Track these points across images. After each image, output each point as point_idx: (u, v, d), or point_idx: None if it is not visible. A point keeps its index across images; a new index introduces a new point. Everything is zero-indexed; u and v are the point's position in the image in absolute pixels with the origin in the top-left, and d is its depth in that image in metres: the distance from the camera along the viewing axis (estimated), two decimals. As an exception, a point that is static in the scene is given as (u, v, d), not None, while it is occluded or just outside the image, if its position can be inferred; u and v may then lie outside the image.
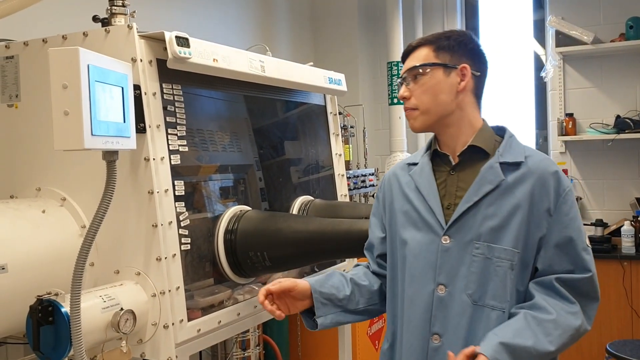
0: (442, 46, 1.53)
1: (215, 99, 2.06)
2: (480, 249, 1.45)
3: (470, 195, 1.47)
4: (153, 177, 1.66)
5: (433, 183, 1.54)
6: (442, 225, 1.49)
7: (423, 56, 1.54)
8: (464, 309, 1.45)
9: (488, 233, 1.45)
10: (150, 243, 1.66)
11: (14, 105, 1.84)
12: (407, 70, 1.55)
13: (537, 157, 1.51)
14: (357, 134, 4.18)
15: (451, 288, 1.46)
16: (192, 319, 1.76)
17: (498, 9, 4.68)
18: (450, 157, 1.56)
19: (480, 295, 1.45)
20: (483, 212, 1.46)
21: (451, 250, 1.47)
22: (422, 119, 1.54)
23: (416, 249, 1.52)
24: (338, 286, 1.61)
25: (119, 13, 1.74)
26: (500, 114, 4.61)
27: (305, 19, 4.56)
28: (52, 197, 1.78)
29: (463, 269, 1.46)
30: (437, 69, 1.52)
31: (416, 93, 1.53)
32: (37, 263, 1.61)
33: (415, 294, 1.50)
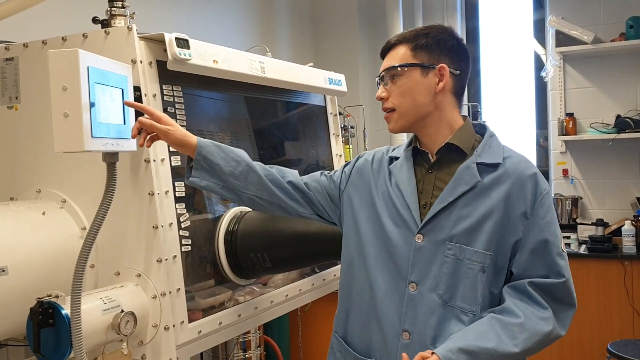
0: (420, 45, 1.50)
1: (216, 100, 2.06)
2: (452, 250, 1.43)
3: (445, 195, 1.46)
4: (153, 178, 1.66)
5: (412, 180, 1.52)
6: (417, 223, 1.47)
7: (400, 55, 1.51)
8: (433, 309, 1.43)
9: (461, 234, 1.43)
10: (151, 244, 1.66)
11: (13, 107, 1.84)
12: (384, 70, 1.53)
13: (515, 158, 1.49)
14: (357, 134, 4.18)
15: (422, 287, 1.45)
16: (192, 320, 1.75)
17: (498, 8, 4.68)
18: (430, 155, 1.54)
19: (450, 296, 1.43)
20: (457, 213, 1.44)
21: (424, 249, 1.46)
22: (400, 120, 1.52)
23: (392, 244, 1.50)
24: (231, 160, 1.61)
25: (118, 14, 1.73)
26: (501, 114, 4.61)
27: (306, 19, 4.56)
28: (53, 199, 1.77)
29: (434, 268, 1.44)
30: (414, 70, 1.49)
31: (394, 94, 1.51)
32: (37, 265, 1.61)
33: (392, 289, 1.49)
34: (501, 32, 4.69)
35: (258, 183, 1.64)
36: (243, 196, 1.65)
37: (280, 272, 2.13)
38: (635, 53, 4.04)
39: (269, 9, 4.11)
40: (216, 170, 1.60)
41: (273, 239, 1.87)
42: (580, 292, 3.95)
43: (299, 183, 1.69)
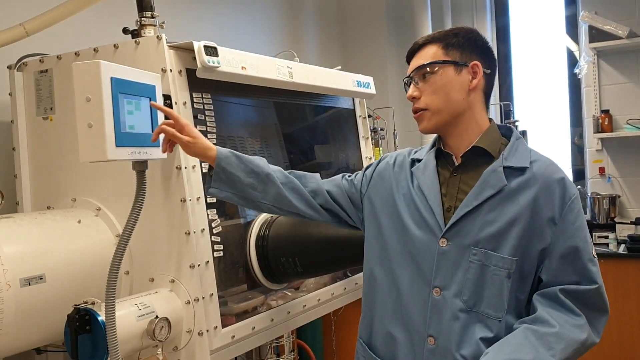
0: (451, 43, 1.48)
1: (245, 106, 2.07)
2: (478, 256, 1.40)
3: (470, 199, 1.43)
4: (185, 185, 1.67)
5: (436, 183, 1.49)
6: (440, 226, 1.45)
7: (432, 54, 1.49)
8: (456, 314, 1.41)
9: (487, 240, 1.40)
10: (184, 250, 1.68)
11: (49, 118, 1.89)
12: (416, 69, 1.50)
13: (542, 162, 1.45)
14: (387, 136, 4.15)
15: (446, 292, 1.42)
16: (226, 325, 1.77)
17: (529, 5, 4.61)
18: (454, 157, 1.51)
19: (475, 302, 1.40)
20: (483, 218, 1.41)
21: (448, 253, 1.43)
22: (434, 119, 1.49)
23: (416, 248, 1.48)
24: (250, 171, 1.60)
25: (148, 24, 1.76)
26: (534, 113, 4.54)
27: (333, 22, 4.56)
28: (88, 207, 1.81)
29: (459, 273, 1.41)
30: (447, 67, 1.47)
31: (426, 92, 1.48)
32: (74, 272, 1.64)
33: (416, 293, 1.47)
34: (532, 29, 4.61)
35: (276, 194, 1.63)
36: (262, 206, 1.65)
37: (312, 276, 2.13)
38: (672, 47, 3.93)
39: (296, 14, 4.13)
40: (235, 181, 1.60)
41: (304, 243, 1.87)
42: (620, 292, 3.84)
43: (321, 190, 1.68)
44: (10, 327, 1.47)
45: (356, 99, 2.64)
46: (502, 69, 4.61)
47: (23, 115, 1.93)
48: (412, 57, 1.55)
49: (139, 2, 1.76)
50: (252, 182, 1.61)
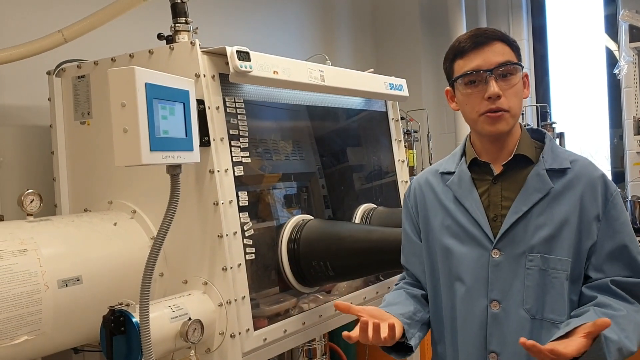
0: (516, 49, 1.43)
1: (277, 109, 2.08)
2: (534, 261, 1.38)
3: (519, 205, 1.40)
4: (218, 188, 1.69)
5: (476, 194, 1.45)
6: (490, 238, 1.41)
7: (508, 53, 1.40)
8: (522, 325, 1.37)
9: (541, 244, 1.38)
10: (216, 253, 1.69)
11: (86, 123, 1.93)
12: (502, 65, 1.38)
13: (582, 161, 1.43)
14: (421, 138, 4.13)
15: (505, 304, 1.39)
16: (258, 328, 1.78)
17: (566, 4, 4.52)
18: (492, 165, 1.46)
19: (538, 309, 1.37)
20: (534, 222, 1.38)
21: (502, 264, 1.39)
22: (510, 123, 1.40)
23: (464, 265, 1.44)
24: (404, 302, 1.54)
25: (182, 30, 1.78)
26: (572, 114, 4.45)
27: (367, 24, 4.55)
28: (123, 209, 1.84)
29: (517, 283, 1.38)
30: (519, 71, 1.41)
31: (508, 93, 1.38)
32: (109, 274, 1.68)
33: (468, 312, 1.43)
34: (570, 29, 4.52)
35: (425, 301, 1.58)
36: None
37: (344, 280, 2.13)
38: None
39: (329, 16, 4.13)
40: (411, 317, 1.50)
41: (335, 247, 1.87)
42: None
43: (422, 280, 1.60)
44: (48, 327, 1.51)
45: (389, 101, 2.62)
46: (538, 70, 4.53)
47: (61, 120, 1.98)
48: (476, 49, 1.40)
49: (174, 8, 1.79)
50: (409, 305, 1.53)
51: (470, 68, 1.40)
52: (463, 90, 1.43)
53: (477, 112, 1.41)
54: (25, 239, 1.53)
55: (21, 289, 1.45)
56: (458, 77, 1.42)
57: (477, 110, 1.40)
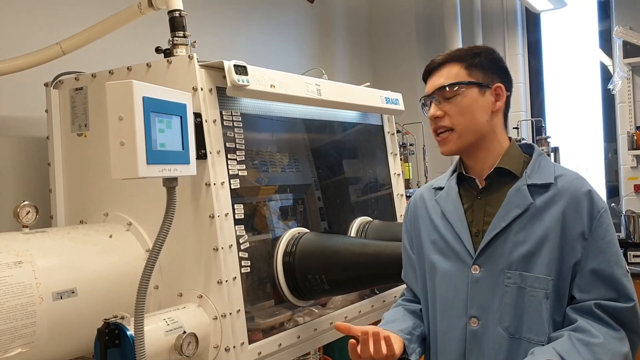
0: (474, 64, 1.45)
1: (274, 121, 2.09)
2: (512, 279, 1.36)
3: (497, 221, 1.39)
4: (214, 201, 1.69)
5: (460, 209, 1.46)
6: (470, 254, 1.40)
7: (454, 74, 1.45)
8: (499, 343, 1.36)
9: (519, 261, 1.36)
10: (212, 266, 1.69)
11: (83, 135, 1.93)
12: (439, 88, 1.45)
13: (568, 176, 1.41)
14: (417, 152, 4.14)
15: (484, 321, 1.38)
16: (253, 341, 1.77)
17: (561, 20, 4.56)
18: (477, 180, 1.47)
19: (516, 328, 1.35)
20: (512, 239, 1.37)
21: (482, 280, 1.39)
22: (458, 141, 1.44)
23: (446, 280, 1.44)
24: (403, 318, 1.55)
25: (180, 44, 1.79)
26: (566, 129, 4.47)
27: (363, 38, 4.58)
28: (119, 222, 1.84)
29: (496, 300, 1.37)
30: (472, 88, 1.43)
31: (451, 113, 1.43)
32: (104, 286, 1.67)
33: (448, 327, 1.43)
34: (565, 44, 4.56)
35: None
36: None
37: (339, 294, 2.13)
38: None
39: (326, 32, 4.16)
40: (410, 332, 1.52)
41: (331, 260, 1.87)
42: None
43: (417, 295, 1.61)
44: (42, 340, 1.51)
45: (385, 115, 2.64)
46: (533, 85, 4.57)
47: (58, 132, 1.98)
48: (430, 75, 1.51)
49: (172, 21, 1.80)
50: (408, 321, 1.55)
51: (423, 95, 1.52)
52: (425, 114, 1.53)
53: (433, 132, 1.51)
54: (21, 251, 1.53)
55: (15, 301, 1.45)
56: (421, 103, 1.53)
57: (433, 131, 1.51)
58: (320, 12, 4.09)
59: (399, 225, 2.49)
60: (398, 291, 2.47)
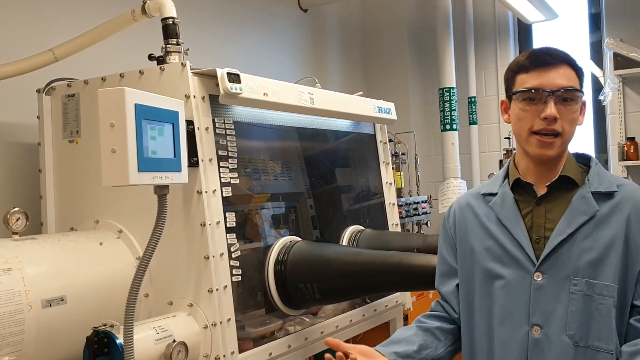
0: (581, 75, 1.42)
1: (267, 129, 2.09)
2: (579, 286, 1.33)
3: (563, 227, 1.36)
4: (205, 209, 1.69)
5: (518, 215, 1.42)
6: (532, 260, 1.37)
7: (573, 79, 1.39)
8: (565, 351, 1.33)
9: (586, 268, 1.33)
10: (202, 274, 1.69)
11: (74, 141, 1.92)
12: (566, 89, 1.37)
13: (628, 185, 1.41)
14: (408, 161, 4.15)
15: (547, 329, 1.34)
16: (243, 350, 1.76)
17: (553, 31, 4.60)
18: (535, 187, 1.44)
19: (582, 336, 1.32)
20: (579, 245, 1.35)
21: (545, 287, 1.36)
22: (560, 148, 1.39)
23: (505, 287, 1.40)
24: (409, 339, 1.50)
25: (173, 51, 1.80)
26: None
27: (356, 48, 4.60)
28: (110, 229, 1.83)
29: (560, 307, 1.34)
30: (579, 98, 1.40)
31: (565, 118, 1.37)
32: (94, 294, 1.66)
33: (508, 337, 1.39)
34: (556, 55, 4.59)
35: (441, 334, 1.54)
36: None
37: (330, 302, 2.12)
38: (699, 74, 3.88)
39: (319, 41, 4.17)
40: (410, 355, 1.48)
41: (322, 269, 1.87)
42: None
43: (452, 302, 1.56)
44: (30, 348, 1.49)
45: (377, 124, 2.64)
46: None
47: (50, 138, 1.97)
48: (543, 68, 1.39)
49: (165, 29, 1.80)
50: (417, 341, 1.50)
51: (533, 85, 1.38)
52: (520, 105, 1.41)
53: (529, 129, 1.39)
54: (10, 258, 1.52)
55: (4, 308, 1.44)
56: (518, 91, 1.41)
57: (530, 128, 1.39)
58: (314, 21, 4.10)
59: (390, 234, 2.50)
60: (390, 300, 2.47)
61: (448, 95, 4.11)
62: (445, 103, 4.11)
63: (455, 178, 4.14)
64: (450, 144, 4.13)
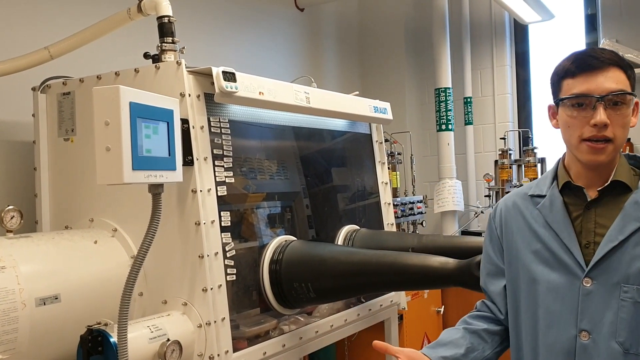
0: (631, 76, 1.37)
1: (263, 128, 2.09)
2: (630, 293, 1.31)
3: (614, 233, 1.34)
4: (200, 208, 1.69)
5: (567, 219, 1.40)
6: (581, 266, 1.35)
7: (622, 81, 1.34)
8: (614, 358, 1.32)
9: (638, 275, 1.31)
10: (197, 274, 1.68)
11: (70, 140, 1.92)
12: (616, 93, 1.32)
13: None
14: (404, 160, 4.15)
15: (596, 335, 1.33)
16: (237, 349, 1.76)
17: (549, 32, 4.60)
18: (585, 190, 1.40)
19: (632, 343, 1.31)
20: (630, 252, 1.32)
21: (594, 293, 1.34)
22: (612, 154, 1.35)
23: (552, 292, 1.39)
24: (457, 341, 1.48)
25: (169, 50, 1.79)
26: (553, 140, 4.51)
27: (353, 48, 4.60)
28: (104, 227, 1.83)
29: (609, 314, 1.32)
30: (631, 101, 1.36)
31: (615, 123, 1.32)
32: (88, 293, 1.66)
33: (556, 341, 1.37)
34: (552, 56, 4.60)
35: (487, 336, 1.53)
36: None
37: (325, 302, 2.12)
38: (695, 75, 3.89)
39: (316, 41, 4.17)
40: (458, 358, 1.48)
41: (317, 269, 1.87)
42: None
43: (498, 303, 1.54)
44: (23, 346, 1.49)
45: (373, 124, 2.65)
46: (521, 95, 4.60)
47: (45, 136, 1.97)
48: (590, 72, 1.35)
49: (161, 27, 1.80)
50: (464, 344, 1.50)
51: (580, 91, 1.34)
52: (568, 112, 1.37)
53: (579, 136, 1.35)
54: (4, 256, 1.52)
55: (-3, 307, 1.43)
56: (565, 97, 1.37)
57: (580, 135, 1.35)
58: (310, 20, 4.10)
59: (385, 233, 2.50)
60: (385, 300, 2.48)
61: (444, 95, 4.12)
62: (441, 103, 4.11)
63: (451, 178, 4.15)
64: (446, 144, 4.13)
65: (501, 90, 4.51)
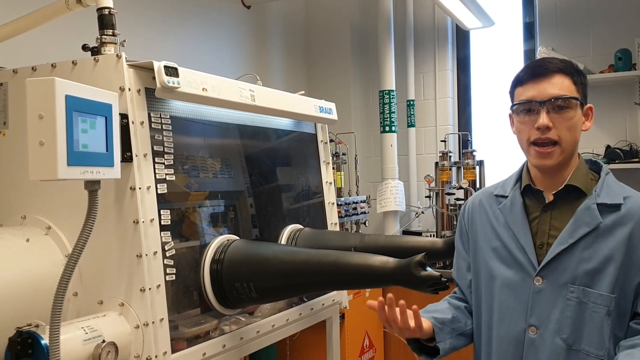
0: (579, 81, 1.45)
1: (206, 126, 2.06)
2: (575, 293, 1.40)
3: (565, 237, 1.42)
4: (138, 206, 1.64)
5: (525, 221, 1.48)
6: (534, 265, 1.44)
7: (566, 86, 1.43)
8: (557, 353, 1.39)
9: (584, 276, 1.39)
10: (134, 273, 1.64)
11: (1, 133, 1.83)
12: (556, 98, 1.42)
13: (636, 197, 1.45)
14: (349, 161, 4.19)
15: (543, 330, 1.41)
16: (176, 350, 1.73)
17: (489, 38, 4.74)
18: (545, 193, 1.49)
19: (575, 340, 1.39)
20: (579, 255, 1.40)
21: (544, 291, 1.42)
22: (560, 156, 1.44)
23: (506, 288, 1.47)
24: (444, 310, 1.59)
25: (109, 42, 1.74)
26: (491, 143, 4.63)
27: (299, 47, 4.60)
28: (37, 225, 1.76)
29: (556, 311, 1.40)
30: (577, 105, 1.44)
31: (560, 126, 1.42)
32: (19, 293, 1.59)
33: (506, 334, 1.46)
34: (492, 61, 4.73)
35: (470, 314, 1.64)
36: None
37: (267, 302, 2.11)
38: (623, 85, 4.08)
39: (262, 38, 4.15)
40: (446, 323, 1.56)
41: (259, 268, 1.85)
42: None
43: (467, 295, 1.66)
44: (-53, 350, 1.41)
45: (318, 124, 2.65)
46: (461, 99, 4.71)
47: (-26, 129, 1.87)
48: (536, 79, 1.45)
49: (101, 19, 1.74)
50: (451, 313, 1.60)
51: (526, 97, 1.45)
52: (517, 118, 1.48)
53: (527, 140, 1.46)
54: None
55: None
56: (514, 104, 1.48)
57: (528, 138, 1.46)
58: (257, 18, 4.08)
59: (328, 233, 2.51)
60: (327, 299, 2.48)
61: (388, 97, 4.18)
62: (385, 105, 4.17)
63: (393, 179, 4.21)
64: (389, 146, 4.20)
65: (443, 94, 4.61)
